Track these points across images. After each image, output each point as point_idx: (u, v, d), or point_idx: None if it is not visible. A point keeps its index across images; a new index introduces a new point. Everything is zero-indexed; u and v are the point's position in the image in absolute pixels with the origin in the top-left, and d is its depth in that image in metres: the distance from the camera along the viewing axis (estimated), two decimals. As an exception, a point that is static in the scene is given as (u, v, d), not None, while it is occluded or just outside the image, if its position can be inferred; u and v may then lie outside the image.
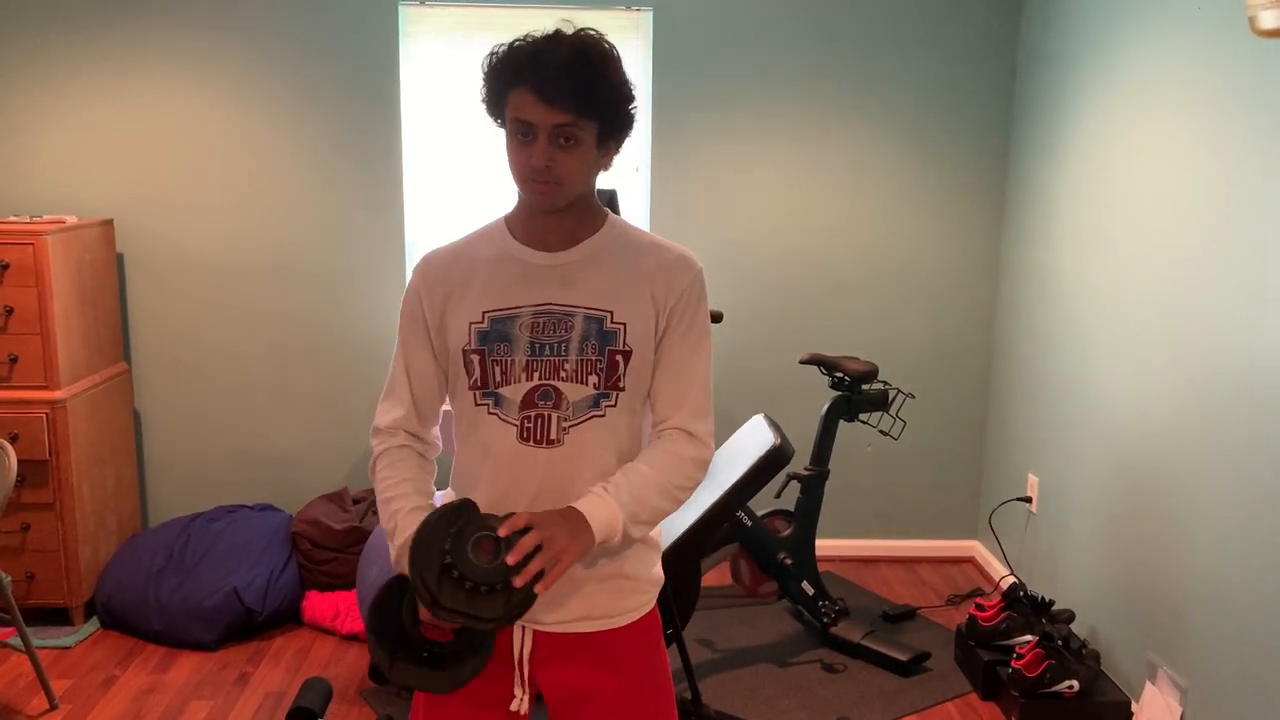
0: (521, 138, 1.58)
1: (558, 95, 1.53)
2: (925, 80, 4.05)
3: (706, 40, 3.99)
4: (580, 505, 1.60)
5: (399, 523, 1.66)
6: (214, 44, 3.90)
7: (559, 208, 1.64)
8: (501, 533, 1.51)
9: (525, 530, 1.52)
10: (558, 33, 1.58)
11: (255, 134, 3.97)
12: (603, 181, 1.74)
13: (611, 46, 1.61)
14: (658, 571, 1.79)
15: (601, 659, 1.72)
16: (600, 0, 3.93)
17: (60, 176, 3.94)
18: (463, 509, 1.56)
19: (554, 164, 1.57)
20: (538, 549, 1.51)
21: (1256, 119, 2.59)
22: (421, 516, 1.62)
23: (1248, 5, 2.49)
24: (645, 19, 3.97)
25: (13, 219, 3.63)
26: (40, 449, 3.47)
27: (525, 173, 1.59)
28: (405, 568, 1.61)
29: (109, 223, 3.88)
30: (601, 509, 1.59)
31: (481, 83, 1.63)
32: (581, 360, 1.65)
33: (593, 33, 1.60)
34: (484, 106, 1.65)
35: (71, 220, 3.67)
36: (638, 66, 3.99)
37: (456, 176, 4.01)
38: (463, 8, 3.94)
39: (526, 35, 1.59)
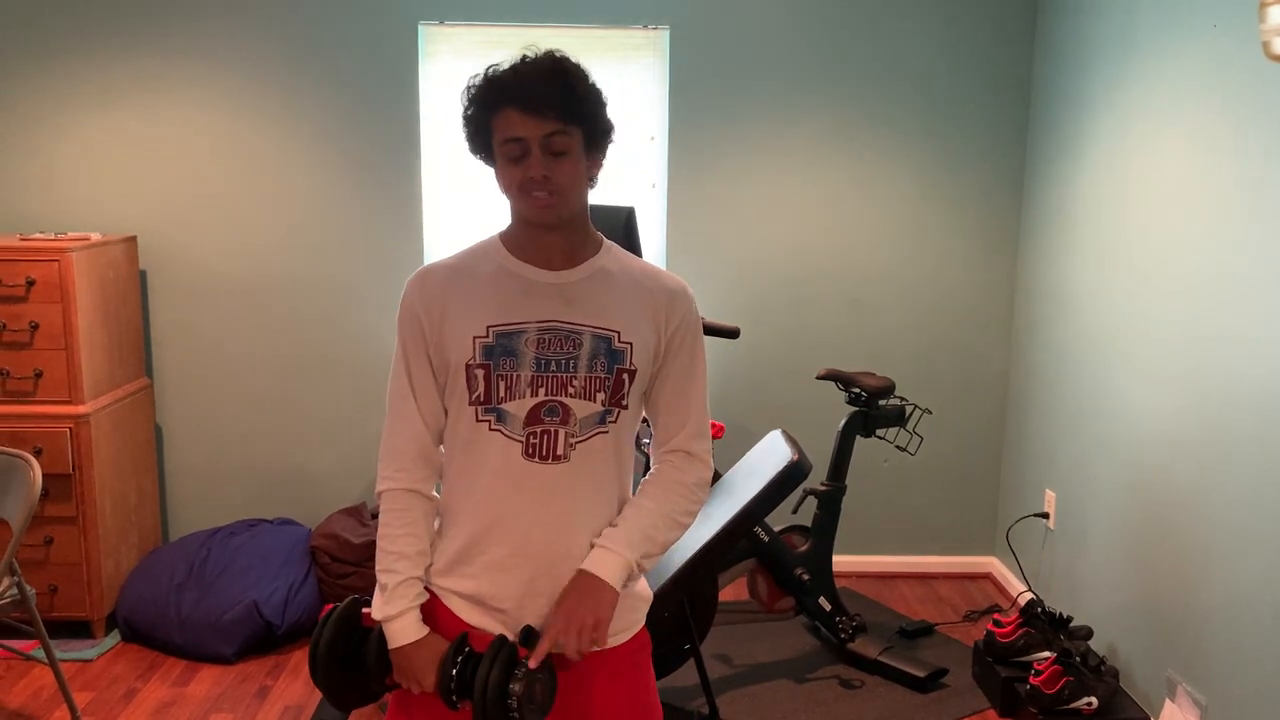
0: (513, 156, 1.61)
1: (542, 104, 1.58)
2: (942, 98, 4.07)
3: (723, 58, 4.01)
4: (590, 567, 1.66)
5: (390, 588, 1.68)
6: (235, 64, 3.95)
7: (560, 221, 1.66)
8: (532, 664, 1.60)
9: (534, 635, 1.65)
10: (525, 56, 1.63)
11: (276, 152, 4.01)
12: (620, 199, 1.77)
13: (580, 63, 1.66)
14: (645, 590, 1.82)
15: (592, 679, 1.72)
16: (617, 19, 3.96)
17: (84, 194, 3.99)
18: (505, 649, 1.61)
19: (551, 174, 1.60)
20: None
21: (1274, 136, 2.59)
22: (416, 590, 1.69)
23: (1261, 31, 2.50)
24: (662, 37, 4.00)
25: (38, 236, 3.68)
26: (64, 463, 3.51)
27: (523, 185, 1.62)
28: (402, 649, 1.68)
29: (132, 239, 3.92)
30: (610, 562, 1.67)
31: (464, 122, 1.66)
32: (591, 377, 1.66)
33: (560, 52, 1.65)
34: (469, 144, 1.68)
35: (96, 237, 3.72)
36: (654, 85, 4.02)
37: (474, 193, 4.05)
38: (481, 27, 3.98)
39: (495, 65, 1.64)
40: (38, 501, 2.93)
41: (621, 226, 3.10)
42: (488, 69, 1.64)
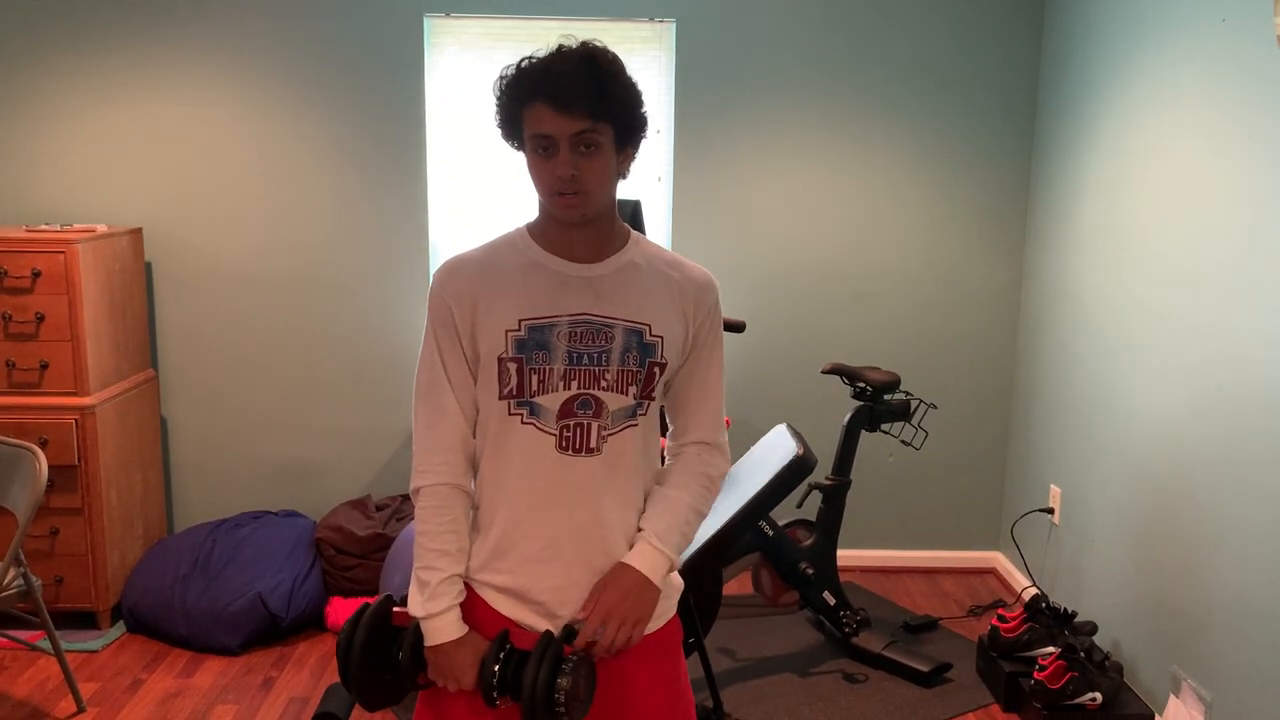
0: (542, 152, 1.59)
1: (572, 102, 1.55)
2: (949, 91, 4.06)
3: (729, 51, 4.01)
4: (634, 563, 1.68)
5: (433, 585, 1.67)
6: (241, 57, 3.95)
7: (586, 219, 1.65)
8: (567, 651, 1.62)
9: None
10: (562, 46, 1.60)
11: (281, 144, 4.01)
12: (626, 192, 1.77)
13: (616, 55, 1.63)
14: (677, 578, 1.83)
15: (629, 667, 1.73)
16: (623, 12, 3.96)
17: (90, 186, 4.00)
18: (552, 647, 1.62)
19: (579, 172, 1.58)
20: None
21: (1282, 130, 2.58)
22: (458, 588, 1.69)
23: (1276, 25, 2.49)
24: (668, 30, 3.99)
25: (44, 227, 3.68)
26: (69, 454, 3.51)
27: (551, 185, 1.60)
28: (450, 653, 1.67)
29: (138, 232, 3.93)
30: (655, 560, 1.69)
31: (496, 107, 1.64)
32: (623, 370, 1.67)
33: (598, 43, 1.62)
34: (501, 131, 1.67)
35: (101, 229, 3.72)
36: (660, 78, 4.01)
37: (480, 186, 4.05)
38: (487, 19, 3.98)
39: (531, 56, 1.61)
40: (43, 493, 2.93)
41: (627, 220, 3.09)
42: (521, 59, 1.61)
